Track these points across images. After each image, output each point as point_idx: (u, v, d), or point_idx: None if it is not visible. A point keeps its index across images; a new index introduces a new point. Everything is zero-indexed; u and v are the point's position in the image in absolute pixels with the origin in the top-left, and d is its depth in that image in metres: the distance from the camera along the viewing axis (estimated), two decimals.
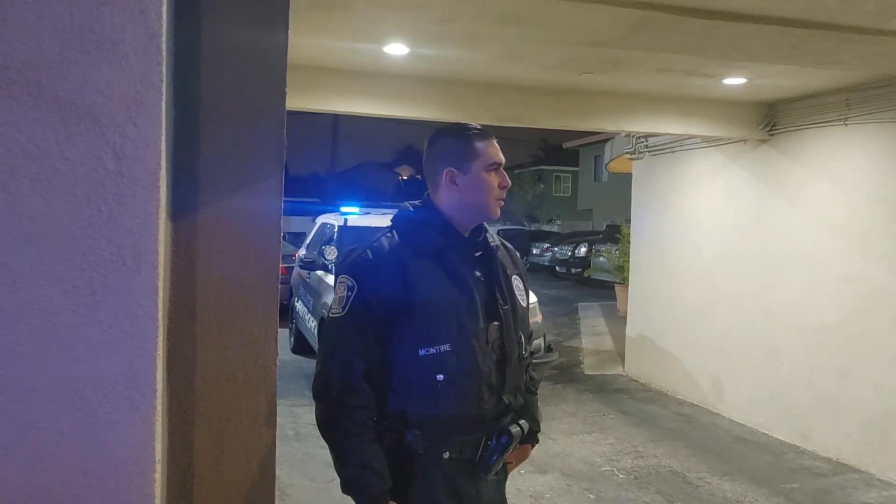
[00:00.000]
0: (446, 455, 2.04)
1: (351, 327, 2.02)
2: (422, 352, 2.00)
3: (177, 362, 1.89)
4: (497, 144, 2.16)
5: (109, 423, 1.58)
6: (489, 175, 2.12)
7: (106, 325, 1.56)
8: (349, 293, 2.03)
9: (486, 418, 2.09)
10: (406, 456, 2.03)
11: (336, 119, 33.97)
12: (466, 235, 2.17)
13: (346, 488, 2.00)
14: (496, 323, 2.12)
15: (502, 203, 2.17)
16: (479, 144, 2.12)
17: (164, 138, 1.61)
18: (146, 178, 1.57)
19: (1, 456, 1.54)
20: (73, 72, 1.52)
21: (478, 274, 2.15)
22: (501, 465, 2.18)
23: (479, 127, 2.18)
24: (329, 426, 2.02)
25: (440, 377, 2.00)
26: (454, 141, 2.15)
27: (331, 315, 2.08)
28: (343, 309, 2.03)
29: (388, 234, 2.14)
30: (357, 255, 2.10)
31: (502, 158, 2.16)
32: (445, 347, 2.01)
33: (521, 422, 2.18)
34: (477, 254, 2.18)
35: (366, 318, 2.01)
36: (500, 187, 2.14)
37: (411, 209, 2.20)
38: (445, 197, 2.14)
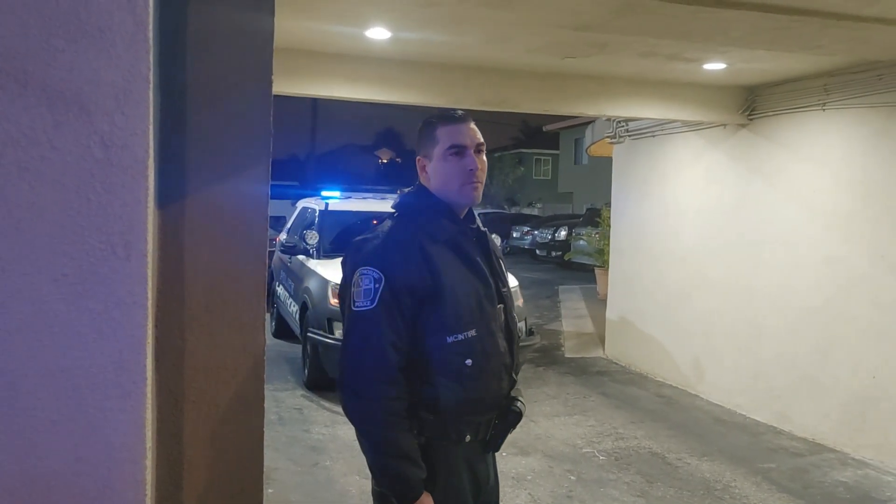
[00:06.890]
0: (468, 438, 2.08)
1: (382, 318, 1.97)
2: (450, 339, 2.01)
3: (165, 350, 1.90)
4: (466, 128, 2.11)
5: (101, 411, 1.59)
6: (449, 159, 2.10)
7: (96, 314, 1.56)
8: (376, 285, 1.98)
9: (503, 397, 2.15)
10: (432, 443, 2.04)
11: (315, 101, 33.70)
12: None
13: (383, 478, 1.98)
14: (501, 305, 2.18)
15: (477, 186, 2.11)
16: (441, 130, 2.11)
17: (151, 126, 1.61)
18: (135, 167, 1.57)
19: None
20: (60, 60, 1.51)
21: (478, 259, 2.17)
22: None
23: (451, 114, 2.15)
24: (365, 418, 1.98)
25: (468, 362, 2.03)
26: (422, 130, 2.17)
27: (356, 308, 2.01)
28: (372, 301, 1.97)
29: (399, 222, 2.13)
30: (376, 244, 2.06)
31: (465, 141, 2.09)
32: (472, 333, 2.04)
33: (521, 399, 2.22)
34: (474, 239, 2.19)
35: (396, 308, 1.98)
36: (468, 170, 2.09)
37: (410, 196, 2.20)
38: (426, 185, 2.16)
